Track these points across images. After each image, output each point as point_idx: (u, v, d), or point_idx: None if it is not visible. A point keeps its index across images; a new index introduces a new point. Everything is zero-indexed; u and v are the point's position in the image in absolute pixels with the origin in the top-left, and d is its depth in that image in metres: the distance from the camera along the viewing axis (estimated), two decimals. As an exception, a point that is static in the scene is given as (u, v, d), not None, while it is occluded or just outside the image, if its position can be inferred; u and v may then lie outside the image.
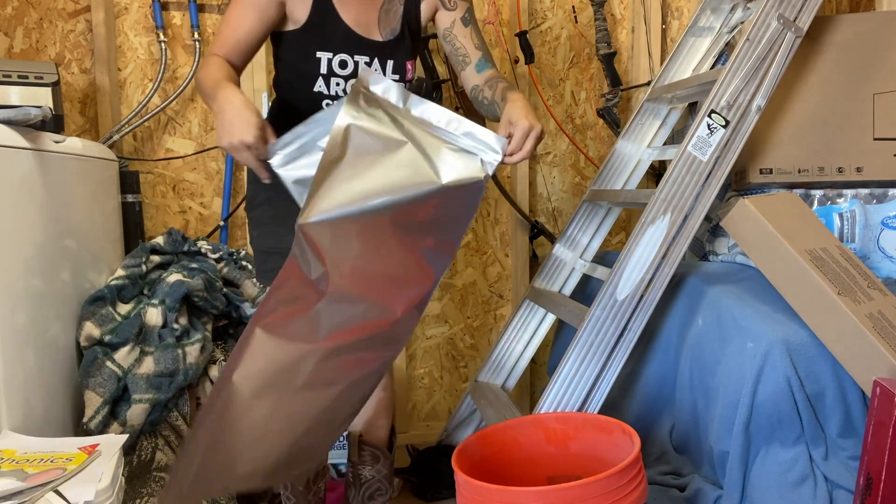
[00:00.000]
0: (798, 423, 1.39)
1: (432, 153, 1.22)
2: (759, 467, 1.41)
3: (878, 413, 1.27)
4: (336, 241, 1.14)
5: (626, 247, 1.57)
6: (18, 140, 1.42)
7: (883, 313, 1.41)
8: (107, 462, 1.19)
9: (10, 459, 1.18)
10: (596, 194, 1.93)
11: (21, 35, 2.06)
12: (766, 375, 1.39)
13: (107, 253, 1.86)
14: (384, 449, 1.58)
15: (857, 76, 1.72)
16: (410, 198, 1.18)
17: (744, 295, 1.55)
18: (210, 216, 2.22)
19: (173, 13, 2.15)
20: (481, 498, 1.17)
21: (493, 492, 1.15)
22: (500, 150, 1.27)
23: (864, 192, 1.71)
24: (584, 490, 1.11)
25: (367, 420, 1.59)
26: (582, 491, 1.11)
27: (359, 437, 1.56)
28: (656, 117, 1.98)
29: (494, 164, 1.26)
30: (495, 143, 1.27)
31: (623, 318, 1.55)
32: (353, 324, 1.15)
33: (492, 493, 1.15)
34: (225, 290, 1.87)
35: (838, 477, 1.37)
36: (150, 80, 2.15)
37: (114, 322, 1.64)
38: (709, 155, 1.57)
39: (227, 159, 2.19)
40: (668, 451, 1.67)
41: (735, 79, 1.57)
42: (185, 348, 1.63)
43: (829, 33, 1.72)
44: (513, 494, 1.12)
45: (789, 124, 1.72)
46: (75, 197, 1.68)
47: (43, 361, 1.49)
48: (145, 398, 1.55)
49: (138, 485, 1.47)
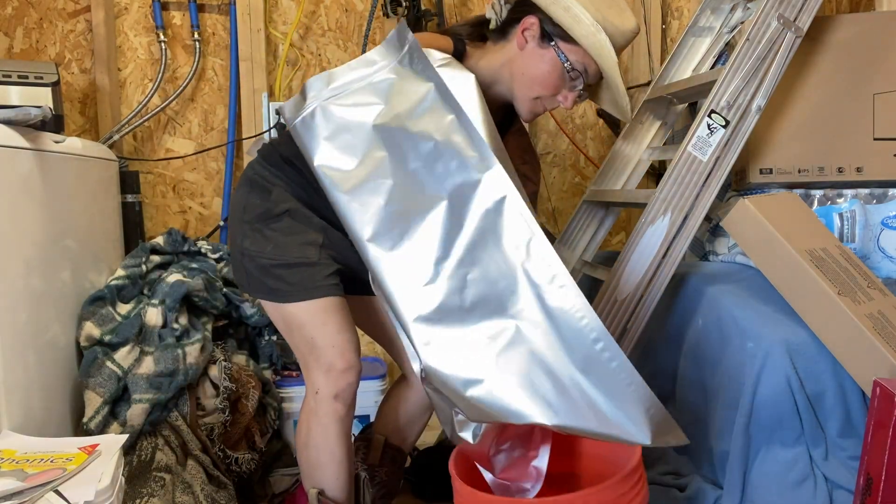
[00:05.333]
0: (798, 423, 1.39)
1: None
2: (759, 467, 1.41)
3: (878, 413, 1.27)
4: None
5: (626, 247, 1.57)
6: (18, 140, 1.42)
7: (883, 313, 1.41)
8: (107, 462, 1.18)
9: (10, 459, 1.18)
10: (596, 194, 1.93)
11: (21, 35, 2.06)
12: (766, 375, 1.39)
13: (107, 253, 1.86)
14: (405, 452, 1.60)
15: (857, 76, 1.72)
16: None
17: (744, 295, 1.55)
18: (210, 216, 2.22)
19: (173, 13, 2.15)
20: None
21: (489, 502, 1.13)
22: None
23: (864, 192, 1.71)
24: (583, 500, 1.10)
25: (400, 427, 1.60)
26: (582, 501, 1.09)
27: (384, 440, 1.57)
28: (656, 117, 1.98)
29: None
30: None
31: (623, 318, 1.55)
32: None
33: (490, 502, 1.14)
34: (225, 290, 1.87)
35: (838, 477, 1.37)
36: (150, 80, 2.15)
37: (114, 322, 1.64)
38: (709, 155, 1.57)
39: (227, 159, 2.20)
40: (668, 451, 1.67)
41: (735, 79, 1.57)
42: (185, 348, 1.63)
43: (829, 33, 1.72)
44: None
45: (789, 124, 1.72)
46: (75, 197, 1.68)
47: (43, 361, 1.48)
48: (145, 398, 1.55)
49: (138, 485, 1.47)
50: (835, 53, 1.72)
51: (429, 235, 1.10)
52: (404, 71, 1.17)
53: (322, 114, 1.16)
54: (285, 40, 2.18)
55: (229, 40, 2.17)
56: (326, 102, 1.17)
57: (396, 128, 1.13)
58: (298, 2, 2.20)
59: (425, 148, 1.11)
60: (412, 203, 1.11)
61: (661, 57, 2.40)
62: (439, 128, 1.11)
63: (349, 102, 1.16)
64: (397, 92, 1.15)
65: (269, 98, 2.15)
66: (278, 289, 1.32)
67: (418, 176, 1.12)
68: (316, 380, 1.32)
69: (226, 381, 1.70)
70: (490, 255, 1.08)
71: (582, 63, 1.36)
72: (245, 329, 1.97)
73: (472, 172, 1.09)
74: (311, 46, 2.24)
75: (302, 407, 1.37)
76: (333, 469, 1.35)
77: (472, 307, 1.09)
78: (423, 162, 1.11)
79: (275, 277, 1.32)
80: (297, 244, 1.32)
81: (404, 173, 1.12)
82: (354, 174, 1.14)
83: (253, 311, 1.89)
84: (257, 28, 2.14)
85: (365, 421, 1.91)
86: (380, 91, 1.16)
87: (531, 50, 1.38)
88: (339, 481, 1.36)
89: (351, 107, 1.16)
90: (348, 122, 1.15)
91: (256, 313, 1.89)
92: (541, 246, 1.06)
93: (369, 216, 1.12)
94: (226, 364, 1.73)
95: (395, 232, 1.12)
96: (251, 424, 1.76)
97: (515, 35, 1.39)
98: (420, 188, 1.11)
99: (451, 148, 1.10)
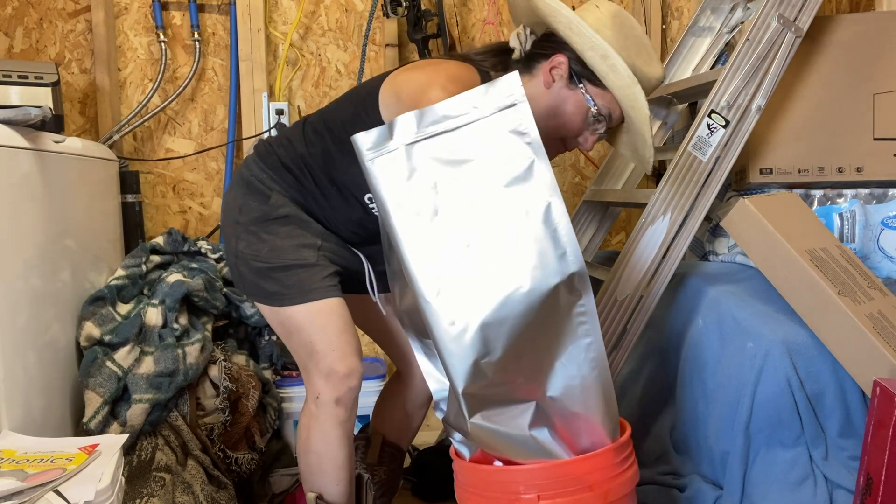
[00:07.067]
0: (798, 423, 1.39)
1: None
2: (759, 467, 1.41)
3: (878, 413, 1.27)
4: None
5: (626, 247, 1.57)
6: (18, 140, 1.42)
7: (883, 313, 1.41)
8: (107, 462, 1.18)
9: (10, 459, 1.18)
10: (596, 194, 1.93)
11: (21, 35, 2.06)
12: (766, 375, 1.39)
13: (107, 253, 1.86)
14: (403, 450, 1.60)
15: (857, 76, 1.72)
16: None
17: (744, 295, 1.55)
18: (210, 216, 2.22)
19: (173, 13, 2.15)
20: (476, 480, 1.17)
21: (490, 472, 1.15)
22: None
23: (864, 192, 1.71)
24: (575, 467, 1.11)
25: (397, 424, 1.60)
26: (573, 468, 1.11)
27: (382, 438, 1.57)
28: (656, 117, 1.98)
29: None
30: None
31: (623, 318, 1.55)
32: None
33: (488, 474, 1.15)
34: (225, 290, 1.87)
35: (838, 477, 1.37)
36: (150, 80, 2.15)
37: (114, 322, 1.64)
38: (709, 155, 1.57)
39: (227, 159, 2.20)
40: (668, 451, 1.67)
41: (735, 79, 1.57)
42: (185, 348, 1.63)
43: (829, 33, 1.72)
44: (507, 473, 1.12)
45: (789, 124, 1.72)
46: (75, 197, 1.68)
47: (43, 361, 1.48)
48: (145, 398, 1.55)
49: (138, 485, 1.47)
50: (835, 53, 1.72)
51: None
52: (504, 127, 1.07)
53: (408, 154, 1.07)
54: (285, 40, 2.18)
55: (229, 40, 2.17)
56: (416, 144, 1.07)
57: (485, 189, 1.06)
58: (298, 2, 2.20)
59: (512, 223, 1.06)
60: (484, 280, 1.05)
61: (661, 57, 2.40)
62: (530, 209, 1.05)
63: (440, 148, 1.08)
64: (493, 150, 1.07)
65: (269, 98, 2.15)
66: (275, 292, 1.30)
67: (498, 246, 1.06)
68: (317, 385, 1.30)
69: (226, 381, 1.70)
70: (545, 337, 1.08)
71: (608, 108, 1.32)
72: (245, 329, 1.97)
73: (554, 273, 1.05)
74: (311, 46, 2.24)
75: (302, 411, 1.36)
76: (334, 474, 1.34)
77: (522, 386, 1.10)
78: (506, 235, 1.06)
79: (271, 280, 1.30)
80: (294, 246, 1.30)
81: (486, 240, 1.06)
82: (432, 225, 1.07)
83: (253, 311, 1.89)
84: (257, 28, 2.14)
85: (365, 420, 1.91)
86: (473, 142, 1.07)
87: (557, 90, 1.32)
88: (339, 486, 1.35)
89: (440, 153, 1.08)
90: (435, 168, 1.07)
91: (256, 313, 1.89)
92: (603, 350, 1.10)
93: (439, 273, 1.05)
94: (226, 364, 1.73)
95: (454, 305, 1.05)
96: (251, 424, 1.76)
97: (542, 72, 1.32)
98: (499, 259, 1.06)
99: (535, 233, 1.05)
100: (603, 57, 1.25)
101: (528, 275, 1.05)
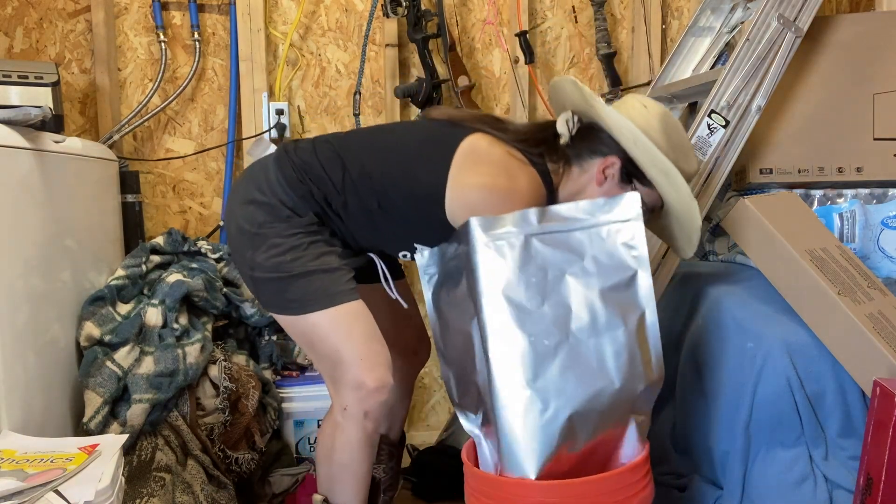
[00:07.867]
0: (798, 423, 1.39)
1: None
2: (759, 467, 1.41)
3: (878, 413, 1.27)
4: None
5: (626, 247, 1.57)
6: (18, 140, 1.42)
7: (883, 313, 1.41)
8: (107, 462, 1.18)
9: (10, 459, 1.18)
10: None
11: (21, 35, 2.06)
12: (766, 375, 1.39)
13: (107, 253, 1.86)
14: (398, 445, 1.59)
15: (857, 76, 1.72)
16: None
17: (744, 295, 1.55)
18: (210, 216, 2.22)
19: (173, 13, 2.15)
20: (489, 489, 1.17)
21: (502, 484, 1.15)
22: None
23: (864, 192, 1.71)
24: (592, 486, 1.12)
25: (390, 421, 1.59)
26: (590, 487, 1.11)
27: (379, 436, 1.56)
28: (656, 117, 1.97)
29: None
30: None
31: (623, 319, 1.55)
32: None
33: (501, 485, 1.15)
34: (225, 290, 1.87)
35: (838, 477, 1.37)
36: (150, 80, 2.15)
37: (114, 322, 1.64)
38: (709, 155, 1.57)
39: (228, 159, 2.20)
40: (669, 451, 1.67)
41: (735, 79, 1.57)
42: (185, 348, 1.63)
43: (829, 33, 1.72)
44: (521, 487, 1.12)
45: (789, 124, 1.72)
46: (75, 197, 1.68)
47: (43, 361, 1.48)
48: (145, 398, 1.55)
49: (138, 485, 1.47)
50: (835, 53, 1.72)
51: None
52: (617, 238, 1.19)
53: (525, 245, 1.16)
54: (285, 40, 2.18)
55: (229, 40, 2.17)
56: (534, 237, 1.17)
57: (589, 288, 1.17)
58: (298, 2, 2.20)
59: (610, 324, 1.16)
60: (580, 372, 1.13)
61: (661, 57, 2.39)
62: (628, 314, 1.17)
63: (557, 244, 1.18)
64: (603, 256, 1.18)
65: (268, 98, 2.15)
66: (297, 299, 1.27)
67: (592, 349, 1.15)
68: (345, 396, 1.27)
69: (226, 381, 1.70)
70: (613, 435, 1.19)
71: (654, 203, 1.35)
72: (245, 329, 1.97)
73: (640, 378, 1.17)
74: (311, 46, 2.24)
75: (326, 418, 1.34)
76: (353, 485, 1.34)
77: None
78: (603, 334, 1.16)
79: (293, 288, 1.27)
80: (315, 254, 1.28)
81: (584, 334, 1.15)
82: (539, 311, 1.15)
83: (253, 311, 1.89)
84: (257, 28, 2.14)
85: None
86: (586, 245, 1.19)
87: (609, 188, 1.33)
88: (357, 496, 1.35)
89: (556, 249, 1.18)
90: (549, 261, 1.17)
91: (256, 313, 1.89)
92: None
93: (537, 360, 1.13)
94: (226, 364, 1.73)
95: (549, 393, 1.12)
96: (251, 424, 1.76)
97: (595, 168, 1.33)
98: (591, 364, 1.14)
99: (629, 337, 1.16)
100: (664, 173, 1.29)
101: (620, 374, 1.15)
